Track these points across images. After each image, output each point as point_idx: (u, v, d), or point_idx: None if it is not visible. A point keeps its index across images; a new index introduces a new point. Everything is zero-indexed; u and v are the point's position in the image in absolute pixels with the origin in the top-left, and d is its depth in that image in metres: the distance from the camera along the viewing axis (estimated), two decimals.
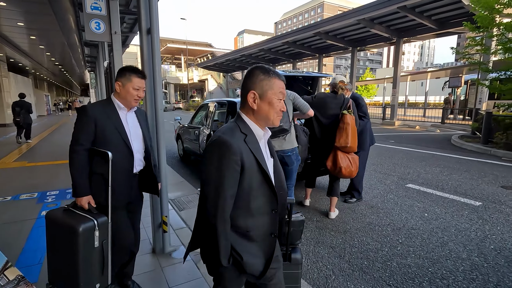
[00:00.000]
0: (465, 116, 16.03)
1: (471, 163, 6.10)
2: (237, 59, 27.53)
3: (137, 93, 1.76)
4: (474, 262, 2.49)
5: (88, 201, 1.68)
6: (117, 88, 1.77)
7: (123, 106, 1.80)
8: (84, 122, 1.68)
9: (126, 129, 1.79)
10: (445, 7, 11.78)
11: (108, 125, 1.71)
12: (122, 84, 1.75)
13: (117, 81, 1.77)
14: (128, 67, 1.77)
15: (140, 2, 2.28)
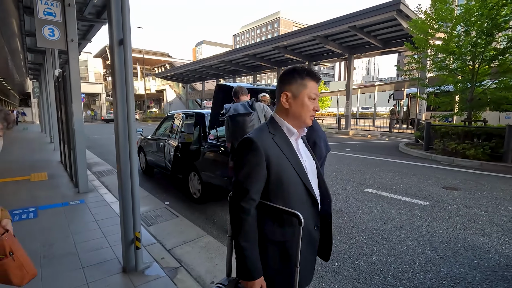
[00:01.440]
0: (408, 125, 17.84)
1: (416, 168, 6.82)
2: (197, 69, 27.34)
3: (313, 106, 1.17)
4: (427, 255, 2.81)
5: (260, 284, 1.13)
6: (284, 103, 1.16)
7: (295, 130, 1.18)
8: (254, 163, 1.09)
9: (304, 166, 1.19)
10: (388, 28, 13.20)
11: (284, 163, 1.13)
12: (293, 94, 1.15)
13: (284, 91, 1.16)
14: (298, 68, 1.16)
15: (111, 11, 2.23)
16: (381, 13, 11.69)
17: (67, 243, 2.94)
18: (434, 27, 8.85)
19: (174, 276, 2.41)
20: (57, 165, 7.19)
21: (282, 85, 1.16)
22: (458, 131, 7.94)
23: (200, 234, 3.25)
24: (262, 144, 1.08)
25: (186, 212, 4.04)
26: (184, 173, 4.67)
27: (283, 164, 1.11)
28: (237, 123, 2.91)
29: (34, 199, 4.36)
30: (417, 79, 10.52)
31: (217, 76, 28.89)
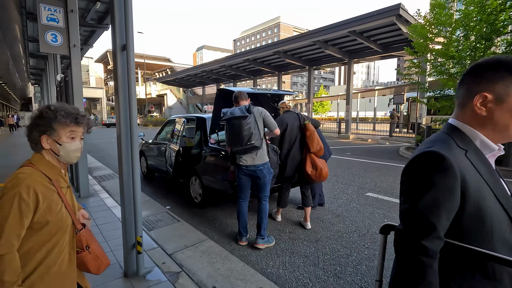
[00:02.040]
0: (409, 129, 17.86)
1: None
2: (197, 74, 27.48)
3: None
4: None
5: None
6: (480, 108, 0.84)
7: (495, 146, 0.86)
8: (445, 188, 0.78)
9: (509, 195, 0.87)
10: (388, 33, 13.30)
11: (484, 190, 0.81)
12: (497, 97, 0.81)
13: (484, 91, 0.83)
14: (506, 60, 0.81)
15: (114, 17, 2.26)
16: (381, 18, 11.78)
17: None
18: (434, 31, 8.92)
19: (175, 281, 2.40)
20: None
21: (479, 83, 0.82)
22: None
23: (201, 238, 3.25)
24: (456, 162, 0.78)
25: (187, 217, 4.03)
26: (185, 177, 4.67)
27: (483, 191, 0.79)
28: (233, 126, 2.91)
29: None
30: (417, 83, 10.56)
31: (218, 81, 29.02)
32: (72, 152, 1.16)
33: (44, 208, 1.05)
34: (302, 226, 3.61)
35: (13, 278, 0.98)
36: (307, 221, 3.59)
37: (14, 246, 0.99)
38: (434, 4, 8.66)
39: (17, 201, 0.99)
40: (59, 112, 1.11)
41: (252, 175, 3.05)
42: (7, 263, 0.97)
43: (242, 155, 3.01)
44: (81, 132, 1.19)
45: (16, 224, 0.99)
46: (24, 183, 1.02)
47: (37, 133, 1.11)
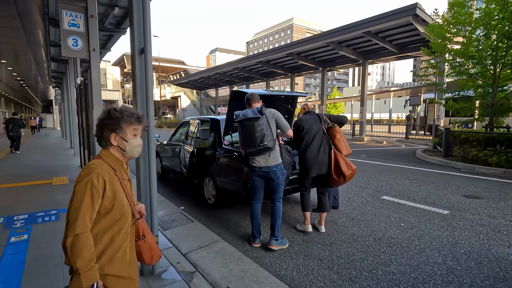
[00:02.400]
0: (426, 131, 17.38)
1: (435, 175, 6.61)
2: (211, 76, 27.76)
3: None
4: (449, 266, 2.71)
5: None
6: None
7: None
8: None
9: None
10: (404, 33, 13.01)
11: None
12: None
13: None
14: None
15: (133, 22, 2.33)
16: (397, 18, 11.54)
17: None
18: (452, 31, 8.66)
19: (190, 280, 2.43)
20: (77, 169, 7.43)
21: None
22: (479, 137, 7.66)
23: (214, 239, 3.27)
24: None
25: (201, 217, 4.08)
26: (199, 178, 4.72)
27: None
28: (246, 127, 2.93)
29: (56, 202, 4.52)
30: (434, 84, 10.27)
31: (231, 83, 29.22)
32: (136, 147, 1.32)
33: (110, 194, 1.19)
34: (316, 229, 3.56)
35: (89, 256, 1.10)
36: (322, 224, 3.53)
37: (88, 227, 1.13)
38: (453, 3, 8.41)
39: (90, 187, 1.14)
40: (125, 112, 1.27)
41: (265, 176, 3.05)
42: (84, 241, 1.10)
43: (255, 156, 3.01)
44: (141, 129, 1.34)
45: (89, 207, 1.13)
46: (94, 171, 1.17)
47: (108, 131, 1.26)
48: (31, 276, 2.45)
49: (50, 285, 2.33)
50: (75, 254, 1.08)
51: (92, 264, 1.11)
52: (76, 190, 1.15)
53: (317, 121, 3.48)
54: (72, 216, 1.12)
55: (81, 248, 1.09)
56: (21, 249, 2.94)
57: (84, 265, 1.08)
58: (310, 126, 3.41)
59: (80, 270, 1.07)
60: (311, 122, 3.45)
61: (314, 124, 3.43)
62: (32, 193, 5.12)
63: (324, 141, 3.41)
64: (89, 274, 1.09)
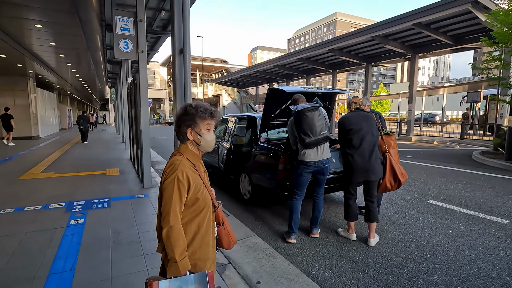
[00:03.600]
0: (486, 131, 15.60)
1: (495, 180, 5.92)
2: (251, 75, 28.08)
3: None
4: (505, 281, 2.42)
5: None
6: None
7: None
8: None
9: None
10: (461, 23, 11.76)
11: None
12: None
13: None
14: None
15: (174, 24, 2.47)
16: (453, 7, 10.46)
17: (132, 232, 3.29)
18: None
19: (222, 272, 2.52)
20: (127, 162, 8.10)
21: None
22: None
23: (248, 234, 3.33)
24: None
25: (236, 212, 4.18)
26: (236, 174, 4.84)
27: None
28: (306, 118, 2.94)
29: (108, 191, 4.99)
30: (497, 79, 9.14)
31: (271, 81, 29.25)
32: (210, 142, 1.39)
33: (194, 188, 1.29)
34: (364, 242, 3.16)
35: (183, 245, 1.23)
36: (372, 237, 3.11)
37: (179, 218, 1.25)
38: None
39: (176, 183, 1.24)
40: (199, 108, 1.35)
41: (317, 171, 3.12)
42: (177, 232, 1.22)
43: (312, 148, 3.02)
44: (214, 124, 1.40)
45: (178, 200, 1.24)
46: (179, 168, 1.27)
47: (185, 127, 1.35)
48: (85, 255, 2.75)
49: (100, 263, 2.60)
50: (172, 244, 1.20)
51: (186, 253, 1.23)
52: (165, 186, 1.27)
53: (368, 120, 3.11)
54: (165, 209, 1.24)
55: (176, 238, 1.21)
56: (78, 231, 3.30)
57: (179, 254, 1.20)
58: (360, 126, 3.06)
59: (177, 259, 1.19)
60: (360, 121, 3.08)
61: (364, 124, 3.07)
62: (89, 182, 5.71)
63: (376, 144, 3.09)
64: (184, 262, 1.21)
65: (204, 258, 1.35)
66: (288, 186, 3.62)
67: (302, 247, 3.08)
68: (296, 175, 3.17)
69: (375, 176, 3.06)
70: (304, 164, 3.08)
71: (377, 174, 3.08)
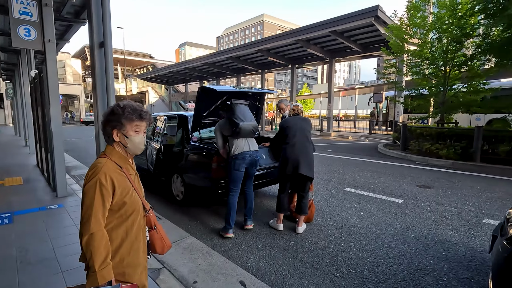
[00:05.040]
0: (387, 127, 18.48)
1: (393, 167, 7.11)
2: (180, 71, 27.06)
3: None
4: (400, 249, 2.97)
5: None
6: None
7: None
8: None
9: None
10: (367, 33, 13.67)
11: None
12: None
13: None
14: None
15: (91, 13, 2.24)
16: (360, 19, 12.09)
17: (45, 248, 2.88)
18: (409, 33, 9.28)
19: (156, 277, 2.43)
20: (33, 169, 6.93)
21: None
22: (431, 132, 8.35)
23: (183, 235, 3.27)
24: None
25: (169, 214, 4.04)
26: (167, 176, 4.66)
27: None
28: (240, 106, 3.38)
29: (9, 204, 4.21)
30: (394, 83, 10.96)
31: (201, 78, 28.73)
32: (138, 144, 1.32)
33: (120, 191, 1.23)
34: (294, 231, 3.44)
35: (104, 253, 1.14)
36: (300, 225, 3.41)
37: (101, 225, 1.17)
38: (410, 6, 9.01)
39: (99, 187, 1.17)
40: (127, 109, 1.27)
41: (251, 163, 3.32)
42: (99, 239, 1.14)
43: (243, 136, 3.26)
44: (144, 126, 1.34)
45: (100, 205, 1.17)
46: (102, 170, 1.19)
47: (110, 128, 1.28)
48: None
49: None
50: (92, 252, 1.12)
51: (107, 262, 1.15)
52: (85, 190, 1.19)
53: (303, 122, 3.54)
54: (85, 216, 1.16)
55: (97, 246, 1.13)
56: None
57: (99, 264, 1.12)
58: (295, 126, 3.46)
59: (96, 268, 1.11)
60: (296, 121, 3.50)
61: (298, 124, 3.48)
62: None
63: (308, 142, 3.44)
64: (104, 272, 1.13)
65: (134, 265, 1.29)
66: (222, 184, 3.68)
67: (238, 242, 3.19)
68: (232, 171, 3.27)
69: (306, 170, 3.30)
70: (240, 158, 3.23)
71: (308, 170, 3.32)
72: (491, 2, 6.37)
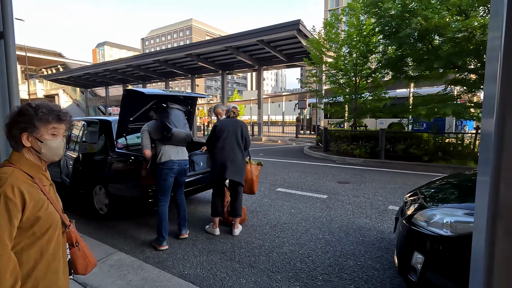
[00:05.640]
0: (311, 131, 20.24)
1: (318, 167, 7.83)
2: (99, 73, 24.49)
3: None
4: (326, 239, 3.30)
5: None
6: None
7: None
8: None
9: None
10: (291, 45, 14.79)
11: None
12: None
13: None
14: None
15: None
16: (284, 31, 13.03)
17: None
18: (326, 46, 10.44)
19: None
20: None
21: None
22: (347, 135, 9.51)
23: (109, 252, 2.97)
24: None
25: (91, 230, 3.61)
26: (88, 188, 4.16)
27: None
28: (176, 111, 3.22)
29: None
30: (315, 91, 12.12)
31: (125, 82, 26.54)
32: (55, 149, 1.16)
33: (33, 205, 1.06)
34: (230, 233, 3.46)
35: (11, 280, 0.98)
36: (236, 227, 3.47)
37: (8, 246, 1.00)
38: (325, 23, 10.14)
39: (4, 201, 0.99)
40: (41, 109, 1.11)
41: (180, 172, 3.18)
42: (5, 264, 0.97)
43: (173, 143, 3.10)
44: (63, 129, 1.19)
45: (5, 224, 0.99)
46: (7, 182, 1.01)
47: (18, 131, 1.09)
48: None
49: None
50: None
51: None
52: None
53: (235, 125, 3.46)
54: None
55: (2, 273, 0.96)
56: None
57: None
58: (226, 128, 3.41)
59: None
60: (228, 124, 3.44)
61: (230, 127, 3.42)
62: None
63: (238, 145, 3.41)
64: None
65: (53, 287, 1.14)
66: (151, 193, 3.47)
67: (173, 251, 3.05)
68: (160, 181, 3.11)
69: (232, 175, 3.34)
70: (167, 167, 3.07)
71: (234, 174, 3.36)
72: (386, 25, 7.66)
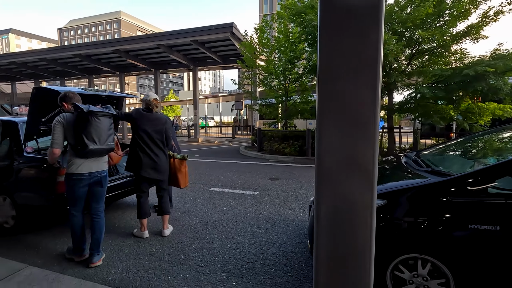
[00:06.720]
0: (248, 131, 20.80)
1: (252, 166, 8.17)
2: (2, 66, 20.80)
3: None
4: (254, 232, 3.54)
5: None
6: None
7: None
8: None
9: None
10: (226, 46, 15.00)
11: None
12: None
13: None
14: None
15: None
16: (218, 33, 13.16)
17: None
18: (259, 50, 10.93)
19: None
20: None
21: None
22: (279, 135, 10.13)
23: (16, 268, 2.66)
24: None
25: None
26: None
27: None
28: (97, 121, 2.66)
29: None
30: (249, 93, 12.55)
31: (37, 77, 23.09)
32: None
33: None
34: (160, 235, 3.43)
35: None
36: (165, 228, 3.45)
37: None
38: (257, 28, 10.61)
39: None
40: None
41: (95, 183, 2.77)
42: None
43: (92, 157, 2.70)
44: None
45: None
46: None
47: None
48: None
49: None
50: None
51: None
52: None
53: (159, 122, 3.33)
54: None
55: None
56: None
57: None
58: (148, 127, 3.26)
59: None
60: (152, 121, 3.28)
61: (153, 124, 3.28)
62: None
63: (161, 143, 3.33)
64: None
65: None
66: None
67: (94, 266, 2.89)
68: (68, 189, 2.75)
69: (149, 172, 3.27)
70: (75, 179, 2.67)
71: (153, 172, 3.29)
72: (310, 34, 8.44)
